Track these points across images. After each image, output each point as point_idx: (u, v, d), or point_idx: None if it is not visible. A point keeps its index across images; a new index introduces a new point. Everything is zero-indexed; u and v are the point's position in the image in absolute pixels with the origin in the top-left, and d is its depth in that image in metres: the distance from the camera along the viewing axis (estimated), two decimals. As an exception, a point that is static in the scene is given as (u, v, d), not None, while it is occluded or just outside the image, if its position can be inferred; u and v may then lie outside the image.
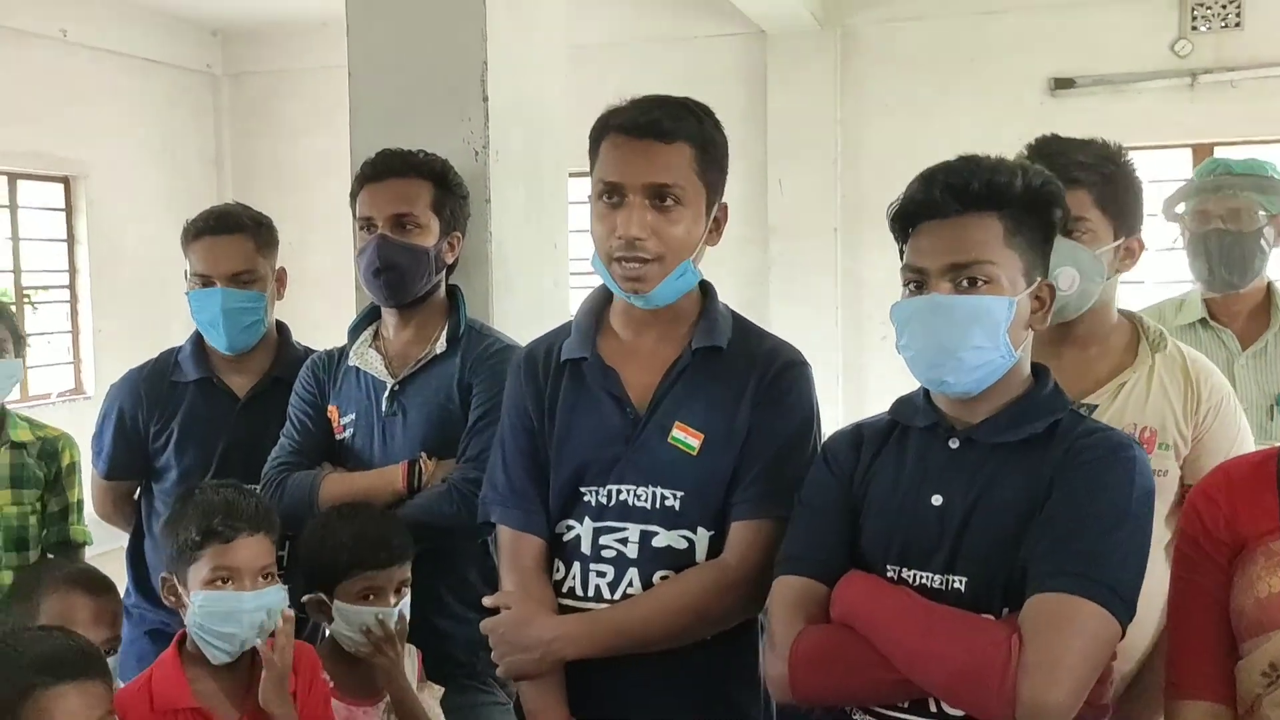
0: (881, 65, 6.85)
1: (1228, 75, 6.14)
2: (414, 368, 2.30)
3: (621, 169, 1.77)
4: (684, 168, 1.77)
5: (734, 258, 7.11)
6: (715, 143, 1.84)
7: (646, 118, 1.77)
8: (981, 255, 1.54)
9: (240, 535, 1.86)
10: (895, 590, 1.56)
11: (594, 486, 1.82)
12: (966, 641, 1.45)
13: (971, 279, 1.54)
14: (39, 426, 2.67)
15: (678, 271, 1.79)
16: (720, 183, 1.86)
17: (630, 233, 1.74)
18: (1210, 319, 2.68)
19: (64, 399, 7.26)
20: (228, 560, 1.85)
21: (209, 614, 1.83)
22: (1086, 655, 1.41)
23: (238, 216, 2.57)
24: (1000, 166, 1.58)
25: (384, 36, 2.66)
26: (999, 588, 1.50)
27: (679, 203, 1.77)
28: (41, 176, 7.28)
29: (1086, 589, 1.42)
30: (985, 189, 1.55)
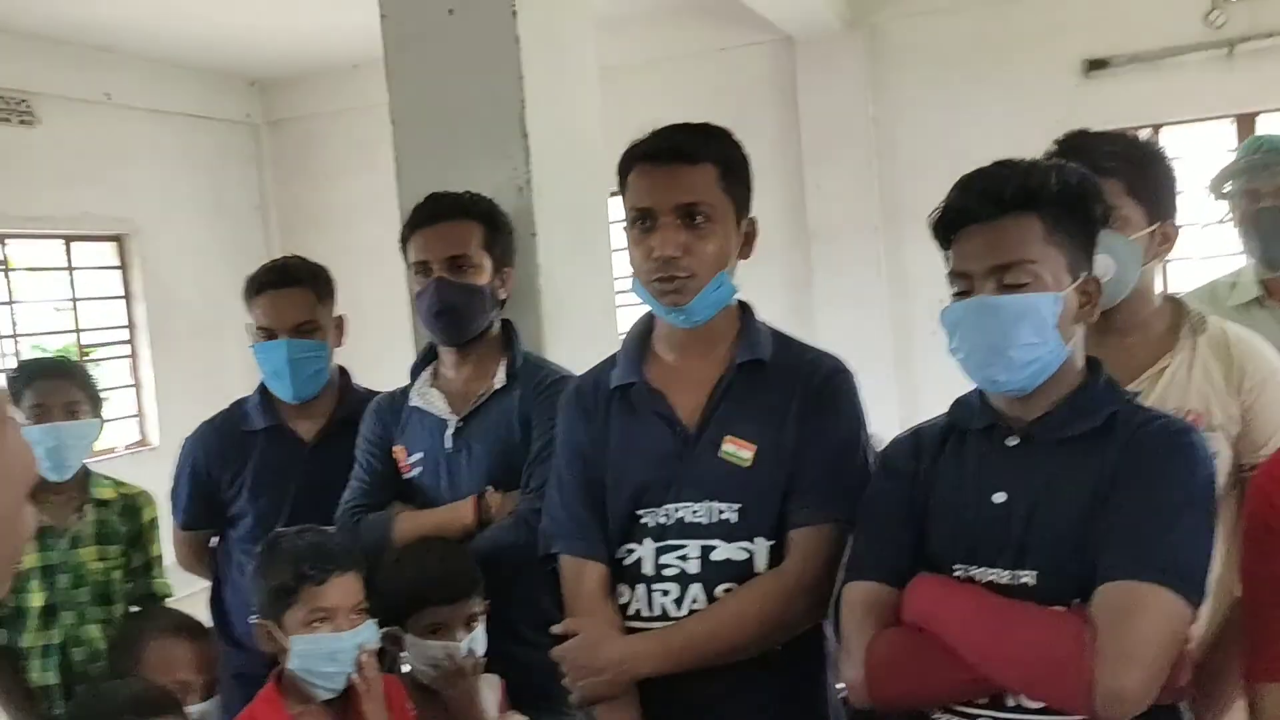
0: (911, 61, 6.83)
1: (1266, 42, 6.03)
2: (475, 404, 2.36)
3: (651, 194, 1.84)
4: (710, 186, 1.84)
5: (777, 264, 7.12)
6: (737, 161, 1.90)
7: (669, 143, 1.86)
8: (1023, 255, 1.56)
9: (332, 576, 1.95)
10: (965, 589, 1.58)
11: (651, 508, 1.87)
12: (1040, 634, 1.47)
13: (1016, 278, 1.56)
14: (120, 484, 2.77)
15: (714, 284, 1.85)
16: (746, 199, 1.92)
17: (665, 252, 1.81)
18: (1267, 297, 2.66)
19: (130, 451, 7.42)
20: (322, 601, 1.93)
21: (311, 656, 1.91)
22: (1160, 640, 1.42)
23: (297, 269, 2.65)
24: (1035, 168, 1.62)
25: (423, 83, 2.73)
26: (1068, 580, 1.51)
27: (709, 220, 1.84)
28: (94, 237, 7.47)
29: (1155, 575, 1.43)
30: (1021, 190, 1.58)
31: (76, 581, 2.59)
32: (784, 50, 7.06)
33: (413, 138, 2.75)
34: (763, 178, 7.33)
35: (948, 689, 1.57)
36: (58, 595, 2.57)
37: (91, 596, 2.62)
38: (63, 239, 7.24)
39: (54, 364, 2.87)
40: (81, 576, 2.60)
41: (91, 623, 2.60)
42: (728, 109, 7.26)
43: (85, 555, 2.61)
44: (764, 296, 7.31)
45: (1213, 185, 2.75)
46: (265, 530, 2.56)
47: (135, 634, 2.14)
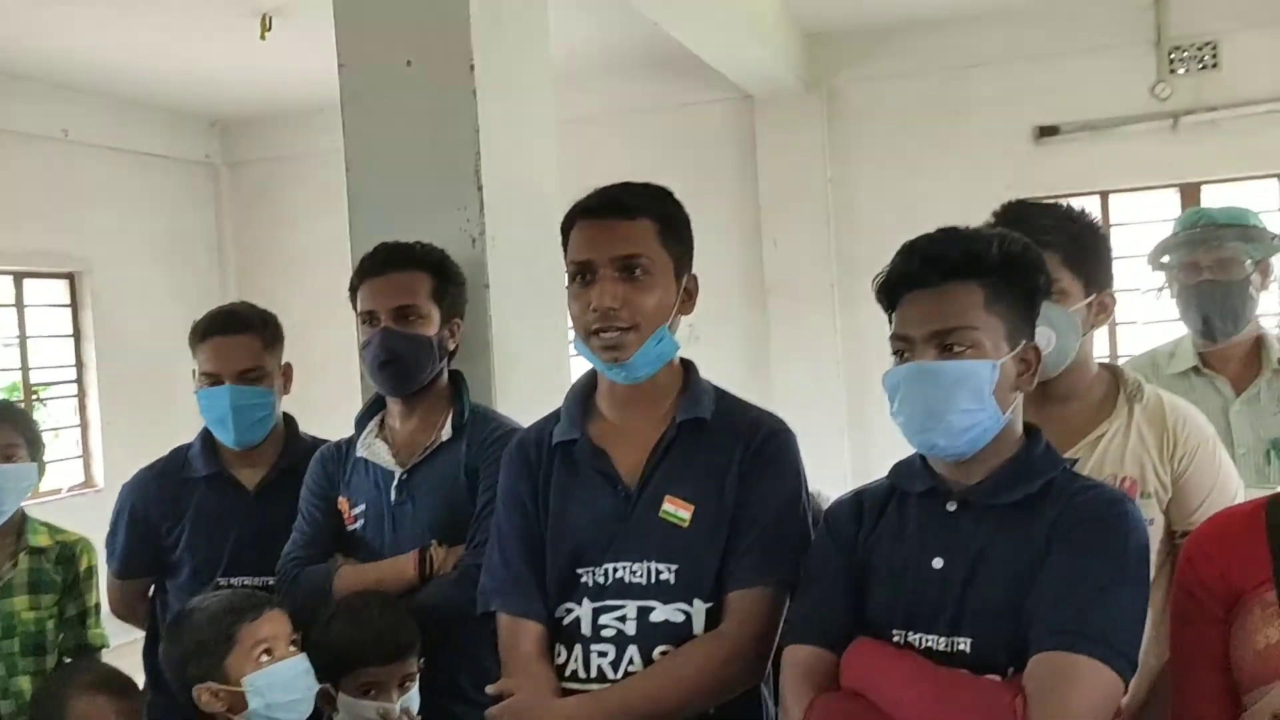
0: (868, 122, 6.96)
1: (1209, 115, 6.23)
2: (421, 456, 2.34)
3: (590, 247, 1.86)
4: (648, 240, 1.86)
5: (734, 317, 7.18)
6: (676, 218, 1.92)
7: (608, 198, 1.89)
8: (963, 322, 1.59)
9: (264, 610, 1.95)
10: (902, 655, 1.58)
11: (590, 567, 1.86)
12: (973, 704, 1.48)
13: (955, 345, 1.59)
14: (57, 531, 2.71)
15: (654, 339, 1.86)
16: (686, 256, 1.93)
17: (604, 303, 1.83)
18: (1203, 366, 2.72)
19: (75, 493, 7.28)
20: (264, 633, 1.93)
21: (273, 687, 1.90)
22: (1090, 711, 1.44)
23: (244, 315, 2.63)
24: (978, 236, 1.65)
25: (378, 132, 2.74)
26: (1003, 648, 1.53)
27: (647, 273, 1.85)
28: (46, 274, 7.38)
29: (1086, 647, 1.45)
30: (963, 258, 1.61)
31: (7, 631, 2.53)
32: (744, 108, 7.17)
33: (367, 186, 2.76)
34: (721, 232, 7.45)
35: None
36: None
37: (22, 647, 2.56)
38: (13, 275, 7.15)
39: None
40: (12, 626, 2.54)
41: (23, 674, 2.54)
42: (687, 163, 7.37)
43: (17, 604, 2.55)
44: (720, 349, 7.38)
45: (1151, 257, 2.81)
46: (203, 580, 2.53)
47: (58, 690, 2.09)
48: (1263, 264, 2.67)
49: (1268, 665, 1.41)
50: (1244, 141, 6.17)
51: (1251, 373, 2.68)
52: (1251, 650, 1.43)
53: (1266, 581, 1.44)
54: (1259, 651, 1.42)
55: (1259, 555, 1.46)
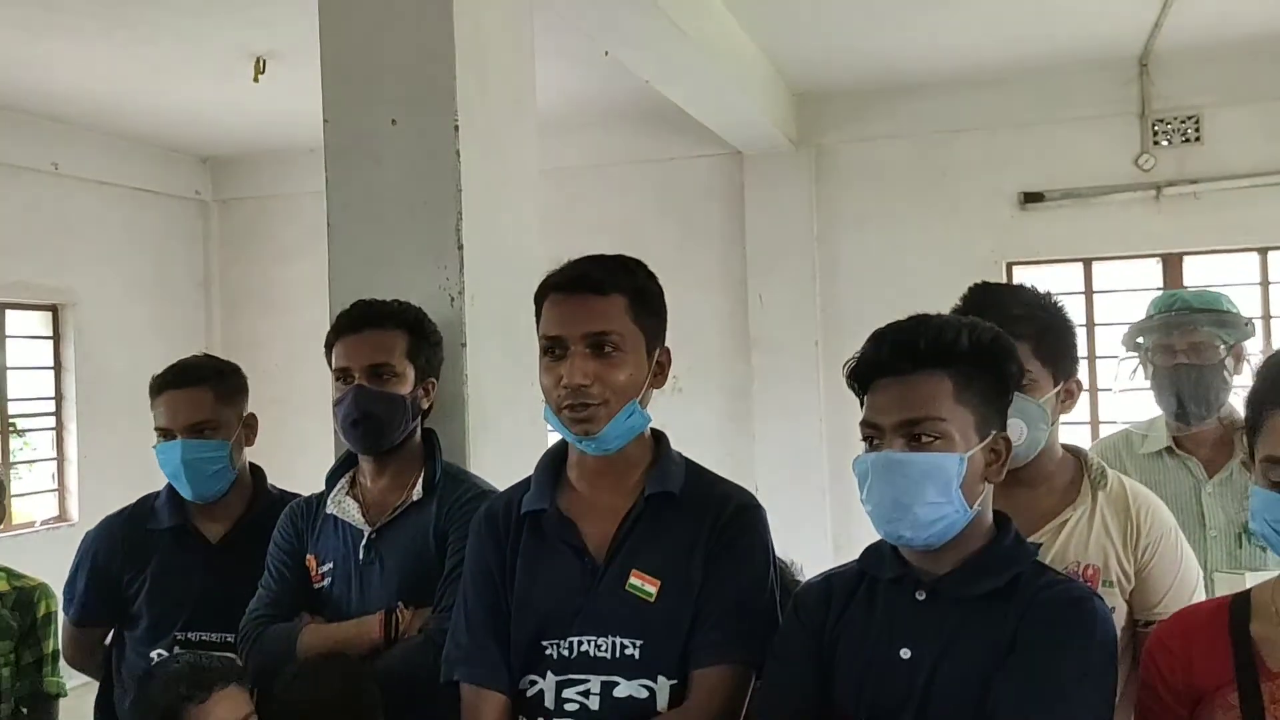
0: (855, 182, 7.02)
1: (1191, 187, 6.30)
2: (390, 515, 2.33)
3: (561, 323, 1.87)
4: (619, 316, 1.86)
5: (717, 371, 7.19)
6: (649, 291, 1.92)
7: (579, 272, 1.88)
8: (931, 412, 1.59)
9: (214, 691, 1.90)
10: None
11: (555, 639, 1.85)
12: None
13: (923, 435, 1.59)
14: (16, 576, 2.68)
15: (625, 413, 1.86)
16: (658, 328, 1.94)
17: (574, 380, 1.83)
18: (1176, 447, 2.73)
19: (48, 526, 7.21)
20: (213, 717, 1.89)
21: None
22: None
23: (198, 368, 2.63)
24: (947, 325, 1.65)
25: (361, 188, 2.75)
26: None
27: (618, 349, 1.85)
28: (29, 306, 7.35)
29: None
30: (932, 347, 1.61)
31: (-38, 677, 2.49)
32: (732, 163, 7.23)
33: (348, 239, 2.77)
34: (707, 285, 7.50)
35: None
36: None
37: (-23, 693, 2.52)
38: (-5, 306, 7.12)
39: None
40: (-34, 672, 2.50)
41: (-24, 720, 2.50)
42: (675, 217, 7.43)
43: (-28, 650, 2.52)
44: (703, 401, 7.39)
45: (1126, 338, 2.83)
46: (161, 633, 2.51)
47: None
48: (1236, 348, 2.69)
49: None
50: (1225, 214, 6.24)
51: (1224, 455, 2.69)
52: None
53: (1229, 683, 1.44)
54: None
55: (1221, 655, 1.46)
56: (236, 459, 2.60)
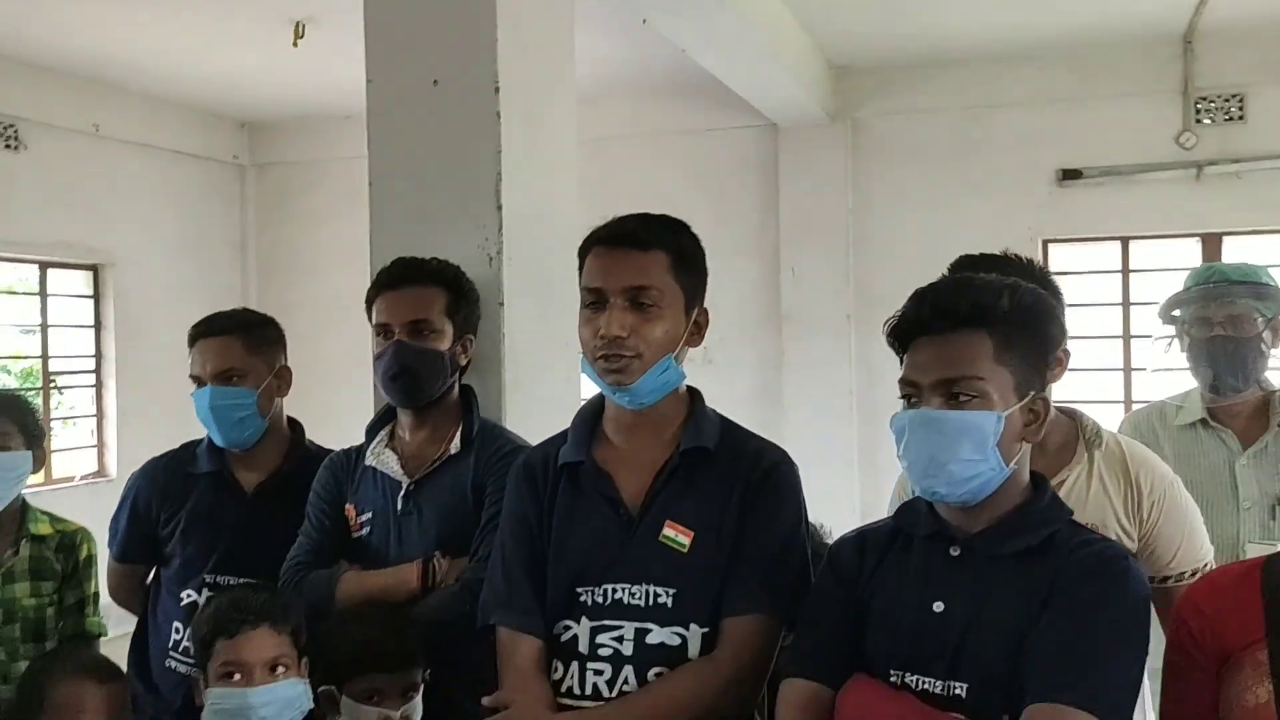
0: (891, 157, 6.98)
1: (1233, 167, 6.23)
2: (429, 468, 2.37)
3: (602, 276, 1.90)
4: (660, 273, 1.90)
5: (749, 344, 7.20)
6: (690, 252, 1.96)
7: (623, 229, 1.93)
8: (970, 371, 1.60)
9: (244, 629, 1.95)
10: (896, 697, 1.59)
11: (590, 586, 1.89)
12: None
13: (961, 394, 1.60)
14: (58, 520, 2.75)
15: (659, 367, 1.89)
16: (698, 288, 1.97)
17: (612, 332, 1.87)
18: (1210, 419, 2.73)
19: (87, 482, 7.34)
20: (232, 655, 1.94)
21: (219, 710, 1.91)
22: None
23: (229, 318, 2.68)
24: (989, 286, 1.65)
25: (402, 146, 2.78)
26: (999, 695, 1.54)
27: (656, 304, 1.89)
28: (70, 265, 7.46)
29: (1080, 700, 1.46)
30: (973, 308, 1.62)
31: (8, 617, 2.56)
32: (768, 136, 7.20)
33: (389, 199, 2.80)
34: (740, 258, 7.47)
35: None
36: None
37: (23, 633, 2.59)
38: (39, 264, 7.23)
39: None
40: (14, 612, 2.57)
41: (23, 659, 2.56)
42: (709, 188, 7.42)
43: (19, 591, 2.58)
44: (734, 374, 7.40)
45: (1162, 311, 2.82)
46: (190, 574, 2.59)
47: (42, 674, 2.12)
48: (1274, 321, 2.68)
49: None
50: (1267, 194, 6.16)
51: (1259, 427, 2.69)
52: (1241, 708, 1.44)
53: (1259, 640, 1.45)
54: (1249, 709, 1.43)
55: (1252, 614, 1.47)
56: (266, 408, 2.63)
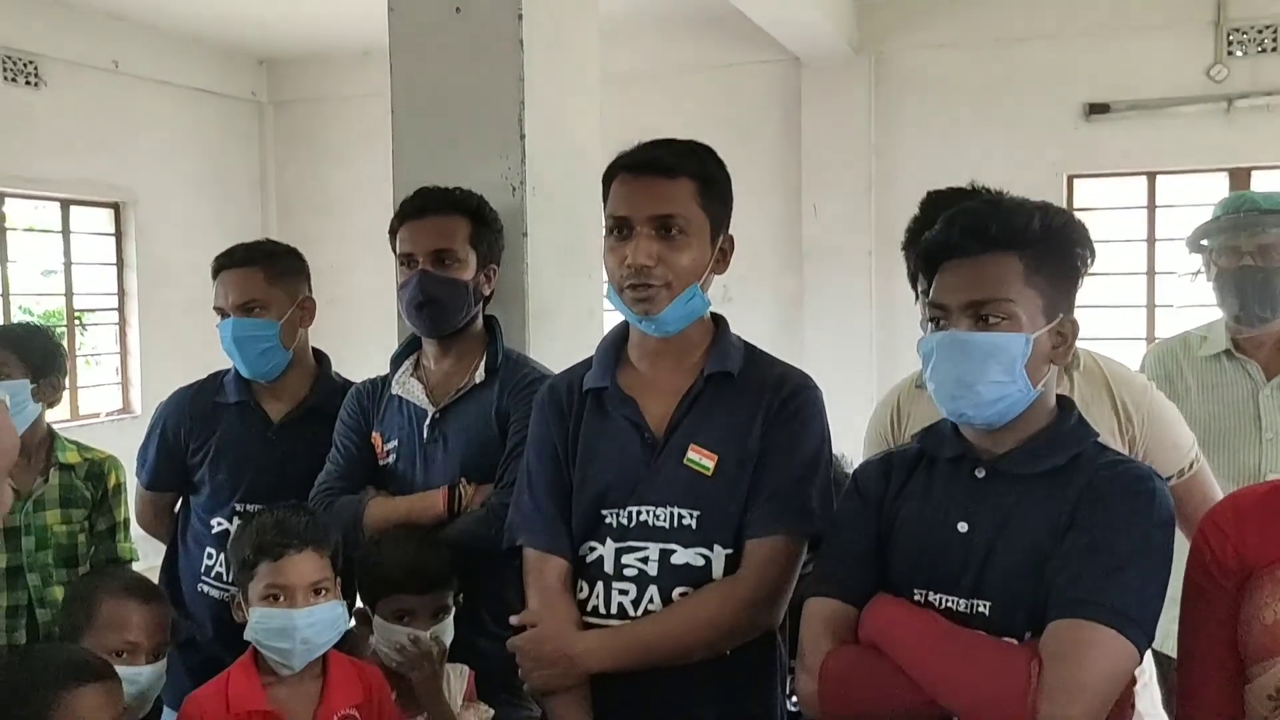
0: (915, 91, 6.90)
1: (1264, 100, 6.13)
2: (454, 396, 2.39)
3: (629, 204, 1.89)
4: (687, 200, 1.88)
5: (769, 281, 7.18)
6: (716, 179, 1.94)
7: (650, 156, 1.90)
8: (999, 293, 1.59)
9: (289, 552, 1.98)
10: (921, 614, 1.61)
11: (615, 509, 1.91)
12: (989, 666, 1.51)
13: (990, 316, 1.59)
14: (86, 449, 2.79)
15: (685, 296, 1.89)
16: (724, 216, 1.96)
17: (639, 260, 1.86)
18: (1235, 350, 2.71)
19: (112, 418, 7.44)
20: (277, 578, 1.97)
21: (263, 630, 1.95)
22: (1104, 680, 1.46)
23: (251, 249, 2.68)
24: (1020, 208, 1.64)
25: (424, 77, 2.77)
26: (1023, 613, 1.55)
27: (683, 232, 1.88)
28: (92, 202, 7.49)
29: (1105, 616, 1.47)
30: (1003, 230, 1.61)
31: (41, 544, 2.61)
32: (791, 71, 7.12)
33: (411, 130, 2.79)
34: (761, 194, 7.43)
35: (896, 708, 1.60)
36: (23, 557, 2.59)
37: (56, 559, 2.65)
38: (60, 202, 7.26)
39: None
40: (46, 539, 2.62)
41: (57, 584, 2.63)
42: (731, 124, 7.35)
43: (50, 518, 2.63)
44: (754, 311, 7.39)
45: (1190, 240, 2.79)
46: (220, 501, 2.62)
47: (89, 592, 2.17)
48: (1304, 250, 2.65)
49: (1275, 640, 1.43)
50: (1298, 128, 6.07)
51: (1284, 358, 2.68)
52: (1259, 624, 1.45)
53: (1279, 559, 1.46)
54: (1267, 625, 1.44)
55: (1273, 533, 1.48)
56: (289, 339, 2.65)
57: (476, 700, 2.21)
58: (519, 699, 2.34)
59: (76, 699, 1.79)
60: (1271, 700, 1.43)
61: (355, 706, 1.98)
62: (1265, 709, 1.44)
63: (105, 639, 2.06)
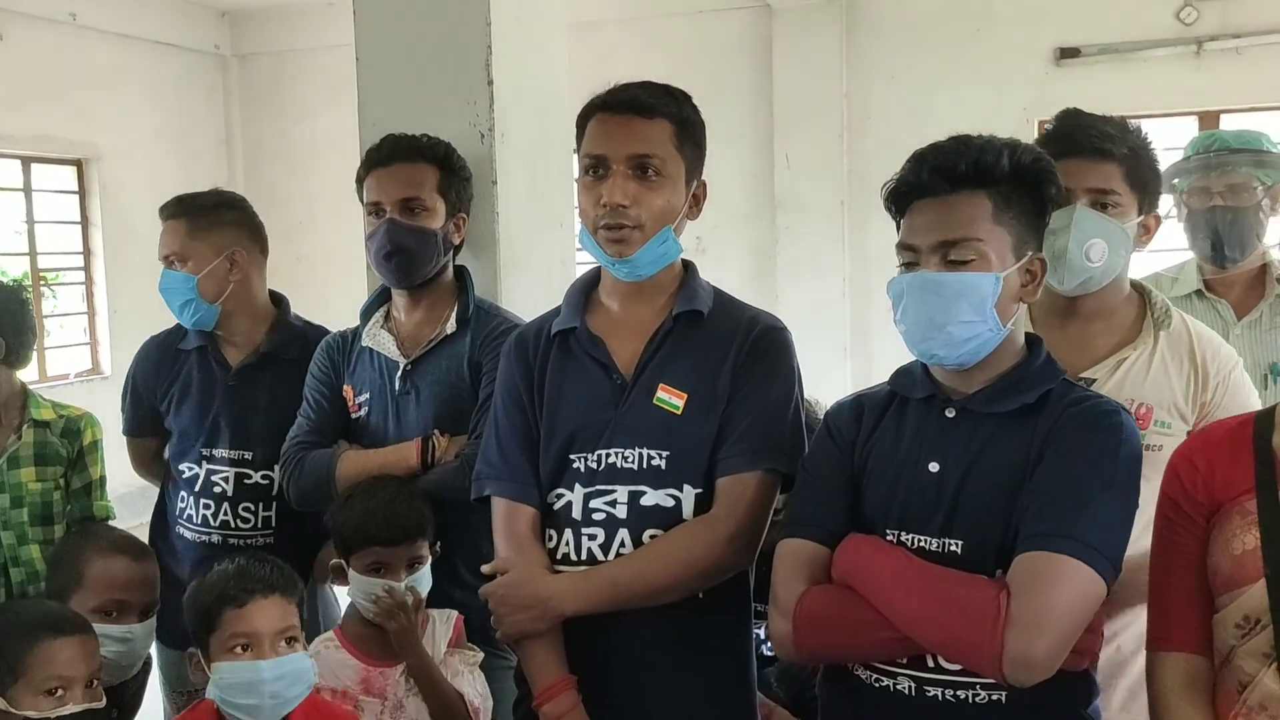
0: (886, 37, 6.86)
1: (1233, 42, 6.14)
2: (425, 348, 2.37)
3: (605, 143, 1.87)
4: (663, 141, 1.87)
5: (742, 231, 7.17)
6: (692, 122, 1.93)
7: (628, 95, 1.89)
8: (969, 233, 1.59)
9: (254, 599, 1.85)
10: (892, 551, 1.63)
11: (583, 453, 1.90)
12: (958, 600, 1.53)
13: (960, 256, 1.59)
14: (61, 407, 2.75)
15: (659, 238, 1.88)
16: (699, 160, 1.95)
17: (614, 200, 1.84)
18: (1206, 290, 2.73)
19: (81, 379, 7.36)
20: (243, 626, 1.84)
21: (228, 686, 1.82)
22: (1070, 610, 1.49)
23: (181, 202, 2.72)
24: (989, 145, 1.63)
25: (390, 22, 2.71)
26: (993, 550, 1.57)
27: (659, 174, 1.86)
28: (54, 160, 7.35)
29: (1070, 548, 1.50)
30: (973, 168, 1.61)
31: (15, 501, 2.58)
32: (761, 18, 7.06)
33: (377, 77, 2.74)
34: (733, 144, 7.37)
35: (870, 647, 1.63)
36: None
37: (31, 517, 2.61)
38: (21, 159, 7.12)
39: None
40: (20, 497, 2.59)
41: (32, 543, 2.59)
42: (702, 72, 7.27)
43: (24, 475, 2.60)
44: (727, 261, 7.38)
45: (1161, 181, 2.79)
46: (188, 447, 2.67)
47: (78, 551, 2.14)
48: (1274, 190, 2.66)
49: (1242, 570, 1.45)
50: (1268, 70, 6.09)
51: (1255, 297, 2.69)
52: (1229, 555, 1.47)
53: (1248, 491, 1.47)
54: (1235, 556, 1.46)
55: (1243, 465, 1.49)
56: (211, 292, 2.65)
57: (464, 645, 2.21)
58: (496, 649, 2.35)
59: (53, 650, 1.76)
60: (1239, 629, 1.46)
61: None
62: (1233, 637, 1.47)
63: (95, 598, 2.03)
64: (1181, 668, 1.53)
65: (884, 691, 1.64)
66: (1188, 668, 1.53)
